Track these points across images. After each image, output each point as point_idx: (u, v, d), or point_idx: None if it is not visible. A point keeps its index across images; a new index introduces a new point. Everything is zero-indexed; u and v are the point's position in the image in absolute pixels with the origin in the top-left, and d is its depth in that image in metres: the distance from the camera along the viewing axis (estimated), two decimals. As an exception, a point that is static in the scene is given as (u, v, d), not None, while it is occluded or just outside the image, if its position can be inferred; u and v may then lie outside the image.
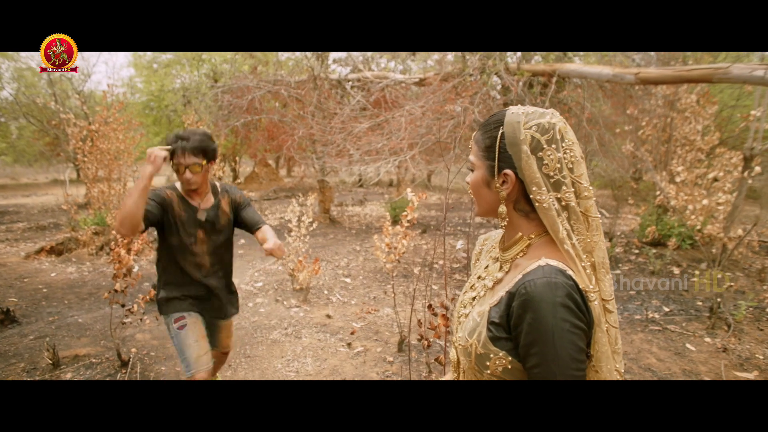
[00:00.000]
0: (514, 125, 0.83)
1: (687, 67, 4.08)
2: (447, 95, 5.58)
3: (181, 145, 1.88)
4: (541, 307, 0.73)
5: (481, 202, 0.90)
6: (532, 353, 0.74)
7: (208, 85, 10.15)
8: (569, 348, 0.73)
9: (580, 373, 0.74)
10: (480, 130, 0.88)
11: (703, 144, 5.79)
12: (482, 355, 0.81)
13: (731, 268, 5.33)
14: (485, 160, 0.87)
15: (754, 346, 3.60)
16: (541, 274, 0.76)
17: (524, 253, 0.86)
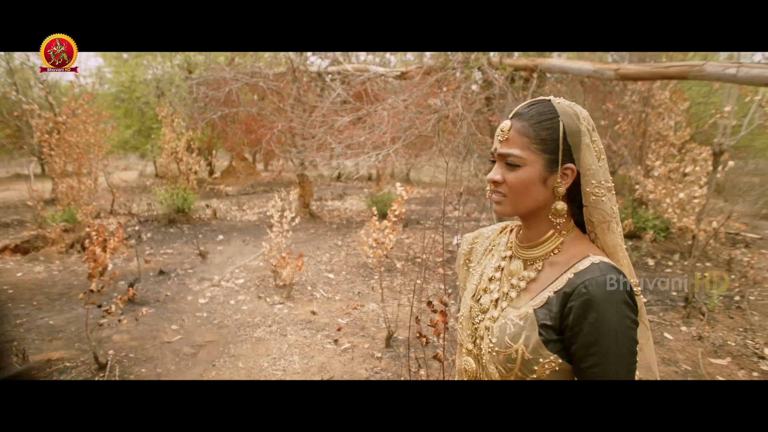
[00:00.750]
0: (571, 115, 0.80)
1: (664, 64, 4.18)
2: (430, 89, 5.56)
3: None
4: (605, 306, 0.72)
5: (526, 200, 0.81)
6: (591, 353, 0.72)
7: (182, 76, 9.82)
8: (630, 344, 0.73)
9: (634, 367, 0.74)
10: (528, 122, 0.80)
11: (675, 139, 5.97)
12: (530, 360, 0.77)
13: (702, 259, 5.53)
14: (543, 154, 0.79)
15: (726, 333, 3.75)
16: (598, 272, 0.74)
17: (559, 251, 0.83)
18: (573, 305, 0.74)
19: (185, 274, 5.12)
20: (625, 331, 0.72)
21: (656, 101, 6.04)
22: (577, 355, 0.74)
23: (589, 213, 0.83)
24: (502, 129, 0.82)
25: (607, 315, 0.71)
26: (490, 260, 0.97)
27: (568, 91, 5.32)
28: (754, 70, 3.35)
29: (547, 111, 0.80)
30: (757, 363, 3.25)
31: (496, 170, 0.82)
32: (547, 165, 0.79)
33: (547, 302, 0.78)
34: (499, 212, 0.84)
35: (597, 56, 6.03)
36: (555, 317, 0.76)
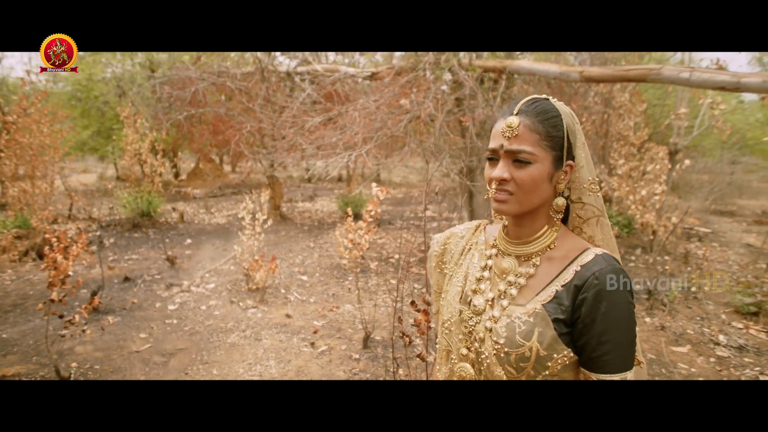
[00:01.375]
0: (569, 114, 0.82)
1: (625, 67, 4.37)
2: (401, 90, 5.58)
3: None
4: (615, 295, 0.74)
5: (533, 198, 0.80)
6: (604, 340, 0.74)
7: (143, 75, 9.45)
8: (634, 329, 0.77)
9: (635, 349, 0.79)
10: (536, 119, 0.79)
11: (635, 139, 6.25)
12: (545, 357, 0.76)
13: (661, 253, 5.82)
14: (551, 151, 0.79)
15: (686, 322, 3.95)
16: (604, 263, 0.77)
17: (554, 245, 0.84)
18: (585, 296, 0.75)
19: (152, 280, 4.92)
20: (630, 317, 0.76)
21: (617, 103, 6.31)
22: (590, 345, 0.75)
23: (578, 208, 0.85)
24: (509, 125, 0.79)
25: (617, 304, 0.74)
26: (471, 260, 0.94)
27: (536, 92, 5.47)
28: (705, 74, 3.55)
29: (552, 109, 0.80)
30: (713, 349, 3.44)
31: (502, 168, 0.79)
32: (554, 162, 0.80)
33: (555, 296, 0.78)
34: (504, 211, 0.81)
35: (562, 59, 6.24)
36: (567, 310, 0.76)
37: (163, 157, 7.93)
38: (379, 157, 6.41)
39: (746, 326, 3.79)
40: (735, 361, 3.26)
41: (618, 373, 0.75)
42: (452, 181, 6.12)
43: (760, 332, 3.69)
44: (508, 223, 0.89)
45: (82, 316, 3.00)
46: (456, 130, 5.87)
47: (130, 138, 7.46)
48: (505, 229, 0.89)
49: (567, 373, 0.79)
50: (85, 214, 8.21)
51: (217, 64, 7.43)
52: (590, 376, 0.77)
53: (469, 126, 5.17)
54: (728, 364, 3.20)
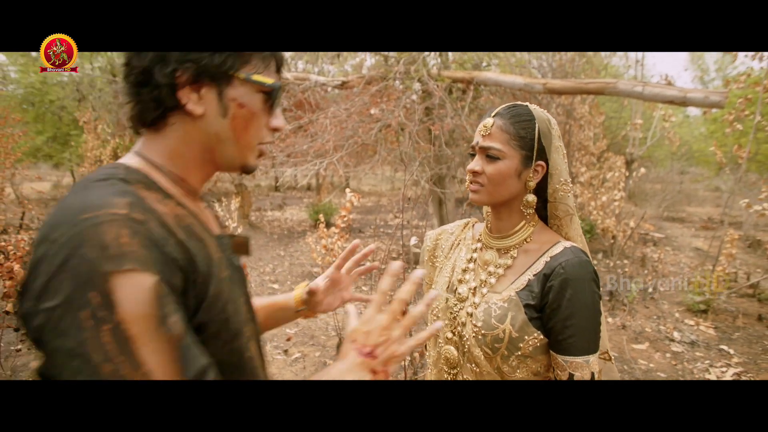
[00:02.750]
0: (546, 120, 0.90)
1: (585, 81, 4.62)
2: (371, 99, 5.66)
3: None
4: (579, 284, 0.82)
5: (501, 190, 0.89)
6: (569, 324, 0.81)
7: (104, 79, 9.13)
8: (598, 315, 0.84)
9: (599, 337, 0.85)
10: (509, 121, 0.88)
11: (594, 149, 6.59)
12: (516, 338, 0.84)
13: (620, 257, 6.12)
14: (520, 150, 0.88)
15: (644, 321, 4.17)
16: (571, 255, 0.85)
17: (530, 239, 0.92)
18: (552, 284, 0.83)
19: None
20: (594, 304, 0.84)
21: (578, 114, 6.63)
22: (556, 329, 0.83)
23: (554, 208, 0.93)
24: (485, 125, 0.89)
25: (581, 291, 0.82)
26: (459, 253, 1.03)
27: (501, 103, 5.69)
28: (656, 89, 3.81)
29: (526, 113, 0.90)
30: (669, 345, 3.66)
31: (476, 161, 0.90)
32: (523, 160, 0.88)
33: (528, 284, 0.87)
34: (476, 201, 0.90)
35: (527, 71, 6.51)
36: (536, 296, 0.85)
37: (126, 165, 7.66)
38: (350, 165, 6.44)
39: (697, 323, 4.05)
40: (688, 355, 3.47)
41: (582, 355, 0.82)
42: (422, 189, 6.23)
43: (708, 328, 3.95)
44: (490, 219, 0.97)
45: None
46: (425, 139, 6.00)
47: (91, 144, 7.18)
48: (488, 224, 0.98)
49: (539, 354, 0.86)
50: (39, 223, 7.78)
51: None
52: (557, 358, 0.84)
53: (438, 135, 5.31)
54: (682, 359, 3.41)
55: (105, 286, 0.47)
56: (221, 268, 0.63)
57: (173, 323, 0.50)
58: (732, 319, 4.11)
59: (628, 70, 8.93)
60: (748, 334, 3.85)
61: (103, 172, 0.58)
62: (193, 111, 0.61)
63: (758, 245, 7.21)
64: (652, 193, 11.49)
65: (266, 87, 0.64)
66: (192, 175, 0.66)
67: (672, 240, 8.13)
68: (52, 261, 0.48)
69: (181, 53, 0.59)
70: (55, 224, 0.51)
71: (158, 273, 0.51)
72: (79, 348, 0.46)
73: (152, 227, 0.53)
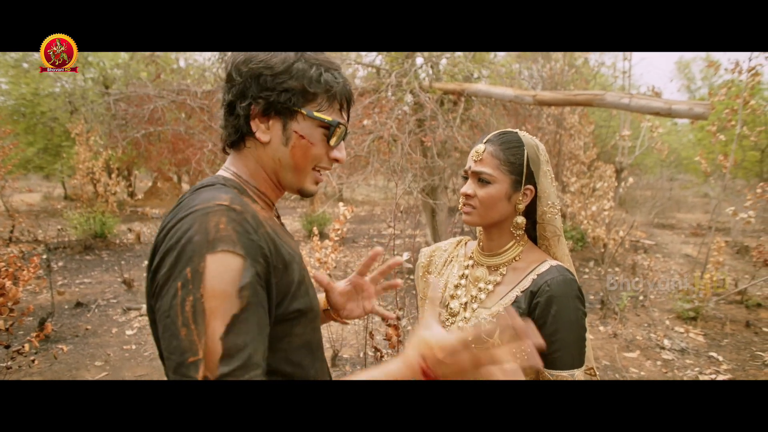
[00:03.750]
0: (534, 146, 0.95)
1: (573, 92, 4.71)
2: (364, 110, 5.72)
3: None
4: (564, 301, 0.86)
5: (492, 213, 0.94)
6: (554, 340, 0.85)
7: (96, 91, 9.11)
8: (582, 331, 0.88)
9: (584, 351, 0.89)
10: (499, 147, 0.94)
11: (585, 158, 6.69)
12: None
13: (612, 265, 6.19)
14: (510, 175, 0.93)
15: (635, 329, 4.22)
16: (557, 273, 0.89)
17: (519, 258, 0.97)
18: (539, 301, 0.87)
19: (108, 304, 4.70)
20: (578, 321, 0.87)
21: (568, 124, 6.74)
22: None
23: (542, 228, 0.98)
24: (476, 151, 0.96)
25: (566, 308, 0.86)
26: (451, 270, 1.09)
27: (492, 114, 5.77)
28: (642, 100, 3.89)
29: (515, 140, 0.95)
30: (659, 353, 3.70)
31: (469, 185, 0.96)
32: (513, 184, 0.94)
33: (515, 300, 0.91)
34: (468, 222, 0.96)
35: (516, 83, 6.61)
36: (524, 312, 0.89)
37: (118, 176, 7.64)
38: (343, 176, 6.48)
39: (686, 330, 4.10)
40: (678, 363, 3.51)
41: (567, 369, 0.86)
42: (415, 200, 6.27)
43: (698, 335, 4.00)
44: (482, 238, 1.03)
45: (33, 344, 2.83)
46: (418, 150, 6.06)
47: (83, 156, 7.15)
48: (480, 243, 1.03)
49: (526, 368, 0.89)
50: (30, 236, 7.71)
51: (176, 82, 7.30)
52: (544, 372, 0.88)
53: (430, 146, 5.37)
54: (672, 366, 3.45)
55: (200, 263, 0.59)
56: (302, 258, 0.78)
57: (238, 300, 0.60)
58: (721, 326, 4.17)
59: (615, 80, 9.07)
60: (737, 340, 3.91)
61: (207, 180, 0.73)
62: (261, 138, 0.74)
63: (746, 251, 7.32)
64: (642, 201, 11.63)
65: (325, 123, 0.75)
66: (267, 189, 0.79)
67: (662, 247, 8.22)
68: (168, 241, 0.62)
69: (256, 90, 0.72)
70: (173, 216, 0.65)
71: (246, 256, 0.61)
72: (170, 311, 0.59)
73: (247, 218, 0.64)
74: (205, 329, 0.57)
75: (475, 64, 6.08)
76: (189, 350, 0.57)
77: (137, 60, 10.14)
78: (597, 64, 8.81)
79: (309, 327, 0.76)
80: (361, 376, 0.66)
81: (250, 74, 0.72)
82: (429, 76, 6.15)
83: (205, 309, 0.58)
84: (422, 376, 0.63)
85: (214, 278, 0.58)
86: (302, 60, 0.73)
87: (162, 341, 0.60)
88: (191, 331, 0.57)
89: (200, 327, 0.57)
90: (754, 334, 4.04)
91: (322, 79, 0.74)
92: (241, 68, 0.72)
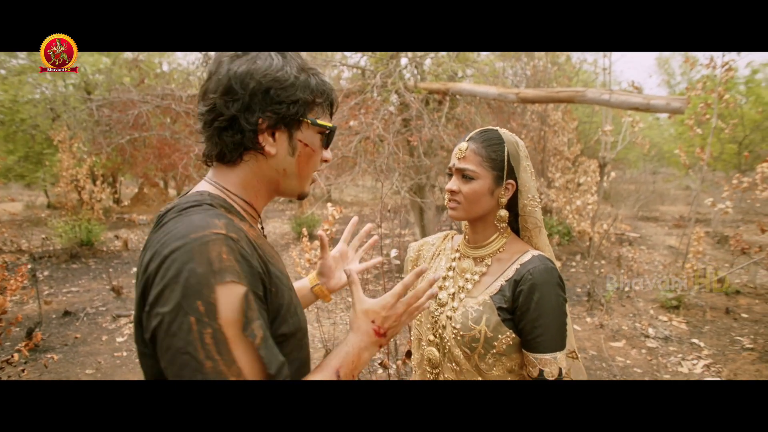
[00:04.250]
0: (514, 143, 1.00)
1: (555, 89, 4.80)
2: (350, 111, 5.75)
3: None
4: (545, 288, 0.91)
5: (476, 207, 0.99)
6: (537, 325, 0.91)
7: (78, 97, 8.99)
8: (563, 317, 0.93)
9: (566, 335, 0.94)
10: (481, 145, 0.99)
11: (569, 154, 6.80)
12: (491, 337, 0.94)
13: (597, 258, 6.31)
14: (492, 171, 0.98)
15: (621, 320, 4.32)
16: (538, 262, 0.95)
17: (503, 249, 1.02)
18: (522, 289, 0.93)
19: (96, 312, 4.65)
20: (559, 306, 0.93)
21: (552, 120, 6.85)
22: (526, 329, 0.93)
23: (524, 220, 1.04)
24: (460, 149, 1.00)
25: (549, 294, 0.92)
26: (439, 263, 1.14)
27: (477, 112, 5.84)
28: (622, 96, 3.99)
29: (496, 138, 1.00)
30: (644, 341, 3.80)
31: (454, 182, 1.00)
32: (495, 180, 0.99)
33: (500, 289, 0.96)
34: (454, 216, 1.01)
35: (500, 81, 6.70)
36: (508, 300, 0.95)
37: (103, 183, 7.55)
38: (331, 177, 6.50)
39: (670, 319, 4.21)
40: (662, 350, 3.62)
41: (550, 352, 0.92)
42: (403, 199, 6.32)
43: (681, 323, 4.12)
44: (467, 231, 1.08)
45: (23, 354, 2.81)
46: (404, 150, 6.11)
47: (66, 163, 7.06)
48: (466, 236, 1.09)
49: (512, 352, 0.96)
50: (13, 246, 7.58)
51: (161, 87, 7.25)
52: (528, 356, 0.94)
53: (416, 145, 5.42)
54: (657, 354, 3.55)
55: (210, 296, 0.58)
56: (288, 278, 0.78)
57: (256, 327, 0.61)
58: (702, 314, 4.30)
59: (597, 77, 9.24)
60: (717, 327, 4.04)
61: (193, 199, 0.70)
62: (269, 152, 0.74)
63: (725, 241, 7.51)
64: (626, 194, 11.85)
65: (326, 129, 0.78)
66: (257, 201, 0.79)
67: (647, 239, 8.40)
68: (165, 273, 0.59)
69: (265, 104, 0.71)
70: (165, 242, 0.62)
71: (248, 284, 0.62)
72: (188, 347, 0.57)
73: (243, 245, 0.64)
74: (233, 358, 0.58)
75: (459, 63, 6.16)
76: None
77: (119, 65, 10.02)
78: (579, 62, 8.97)
79: (297, 346, 0.76)
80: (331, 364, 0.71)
81: (258, 88, 0.70)
82: (414, 76, 6.21)
83: (227, 339, 0.58)
84: (375, 336, 0.75)
85: (228, 308, 0.58)
86: (302, 71, 0.74)
87: (173, 376, 0.59)
88: (217, 361, 0.57)
89: (226, 356, 0.57)
90: (733, 320, 4.18)
91: (322, 88, 0.76)
92: (247, 81, 0.69)
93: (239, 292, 0.60)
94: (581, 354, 3.60)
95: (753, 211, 9.83)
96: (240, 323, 0.59)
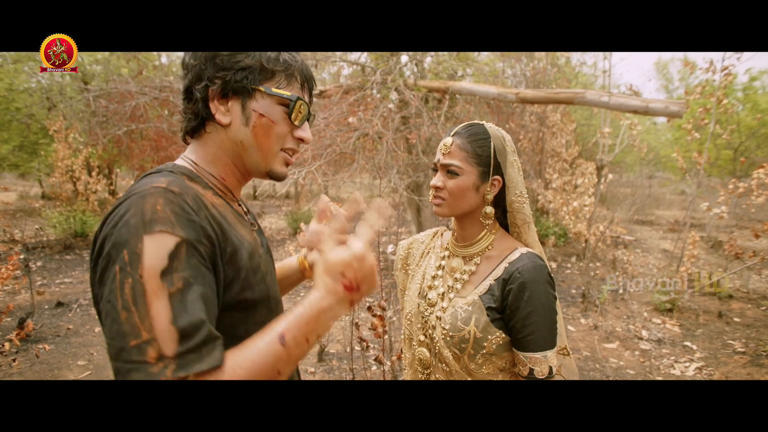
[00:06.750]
0: (500, 137, 0.97)
1: (555, 91, 4.81)
2: (349, 108, 5.73)
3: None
4: (535, 286, 0.89)
5: (462, 203, 0.97)
6: (527, 323, 0.89)
7: (75, 87, 8.91)
8: (553, 315, 0.91)
9: (556, 333, 0.92)
10: (467, 140, 0.96)
11: (567, 155, 6.82)
12: (480, 338, 0.92)
13: (593, 260, 6.33)
14: (477, 167, 0.96)
15: (615, 321, 4.34)
16: (527, 260, 0.92)
17: (492, 247, 1.00)
18: (511, 288, 0.91)
19: (90, 303, 4.62)
20: (550, 304, 0.91)
21: (550, 122, 6.86)
22: (516, 327, 0.91)
23: (513, 217, 1.01)
24: (444, 144, 0.98)
25: (538, 292, 0.90)
26: (429, 261, 1.11)
27: (476, 112, 5.84)
28: (621, 99, 4.00)
29: (482, 132, 0.97)
30: (638, 343, 3.82)
31: (438, 178, 0.98)
32: (480, 175, 0.96)
33: (489, 289, 0.94)
34: (439, 213, 0.98)
35: (500, 81, 6.70)
36: (497, 299, 0.92)
37: (99, 174, 7.50)
38: (329, 173, 6.48)
39: (663, 321, 4.24)
40: (655, 353, 3.64)
41: (540, 351, 0.90)
42: (400, 197, 6.32)
43: (674, 326, 4.14)
44: (455, 229, 1.05)
45: (14, 343, 2.78)
46: (403, 147, 6.10)
47: (61, 154, 7.00)
48: (454, 234, 1.06)
49: (502, 352, 0.94)
50: (6, 235, 7.52)
51: (159, 79, 7.20)
52: (518, 355, 0.92)
53: (415, 143, 5.41)
54: (650, 356, 3.57)
55: (137, 245, 0.57)
56: (257, 246, 0.77)
57: (176, 278, 0.57)
58: (695, 317, 4.32)
59: (596, 79, 9.27)
60: (710, 330, 4.06)
61: (156, 168, 0.72)
62: (221, 120, 0.73)
63: (719, 245, 7.56)
64: (622, 197, 11.90)
65: (285, 99, 0.74)
66: (228, 177, 0.78)
67: (642, 242, 8.44)
68: (106, 227, 0.61)
69: (212, 71, 0.71)
70: (117, 202, 0.64)
71: (184, 236, 0.60)
72: (110, 295, 0.56)
73: (186, 200, 0.63)
74: (148, 311, 0.54)
75: (459, 62, 6.15)
76: (131, 334, 0.54)
77: (117, 56, 9.94)
78: (578, 64, 8.98)
79: (270, 316, 0.73)
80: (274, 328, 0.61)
81: (205, 56, 0.71)
82: (414, 74, 6.20)
83: (145, 290, 0.55)
84: (345, 291, 0.64)
85: (153, 258, 0.56)
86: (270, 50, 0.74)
87: (104, 328, 0.57)
88: (132, 313, 0.54)
89: (141, 309, 0.54)
90: (725, 324, 4.20)
91: (280, 58, 0.73)
92: (200, 53, 0.72)
93: (168, 243, 0.58)
94: (575, 354, 3.61)
95: (747, 216, 9.90)
96: (167, 275, 0.57)
